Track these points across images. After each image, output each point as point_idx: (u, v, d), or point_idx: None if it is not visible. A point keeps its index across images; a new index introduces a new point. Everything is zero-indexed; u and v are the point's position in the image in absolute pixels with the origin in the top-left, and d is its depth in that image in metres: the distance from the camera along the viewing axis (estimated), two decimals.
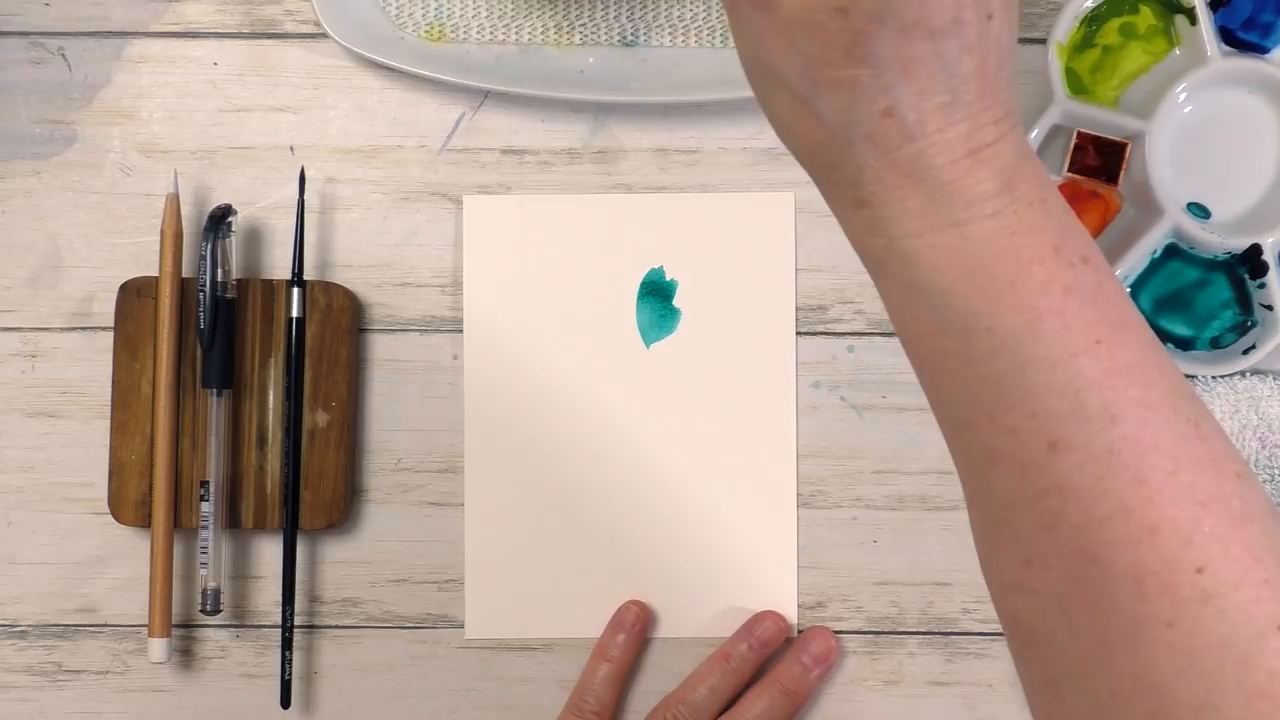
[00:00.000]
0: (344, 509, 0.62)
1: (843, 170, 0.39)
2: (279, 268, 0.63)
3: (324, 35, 0.62)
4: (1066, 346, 0.38)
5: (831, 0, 0.36)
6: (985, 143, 0.38)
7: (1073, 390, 0.38)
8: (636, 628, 0.62)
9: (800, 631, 0.63)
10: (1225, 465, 0.39)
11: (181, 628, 0.63)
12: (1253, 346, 0.60)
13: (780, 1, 0.37)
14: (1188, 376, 0.60)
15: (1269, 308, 0.60)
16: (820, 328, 0.63)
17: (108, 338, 0.63)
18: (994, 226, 0.38)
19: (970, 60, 0.37)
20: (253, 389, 0.62)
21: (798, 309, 0.63)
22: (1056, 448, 0.38)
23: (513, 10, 0.63)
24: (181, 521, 0.62)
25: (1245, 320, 0.61)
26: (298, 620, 0.62)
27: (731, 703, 0.61)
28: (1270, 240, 0.60)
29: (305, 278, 0.62)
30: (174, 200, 0.62)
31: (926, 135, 0.38)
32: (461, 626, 0.63)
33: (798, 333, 0.63)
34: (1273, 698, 0.37)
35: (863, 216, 0.39)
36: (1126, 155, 0.61)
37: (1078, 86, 0.61)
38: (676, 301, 0.63)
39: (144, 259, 0.63)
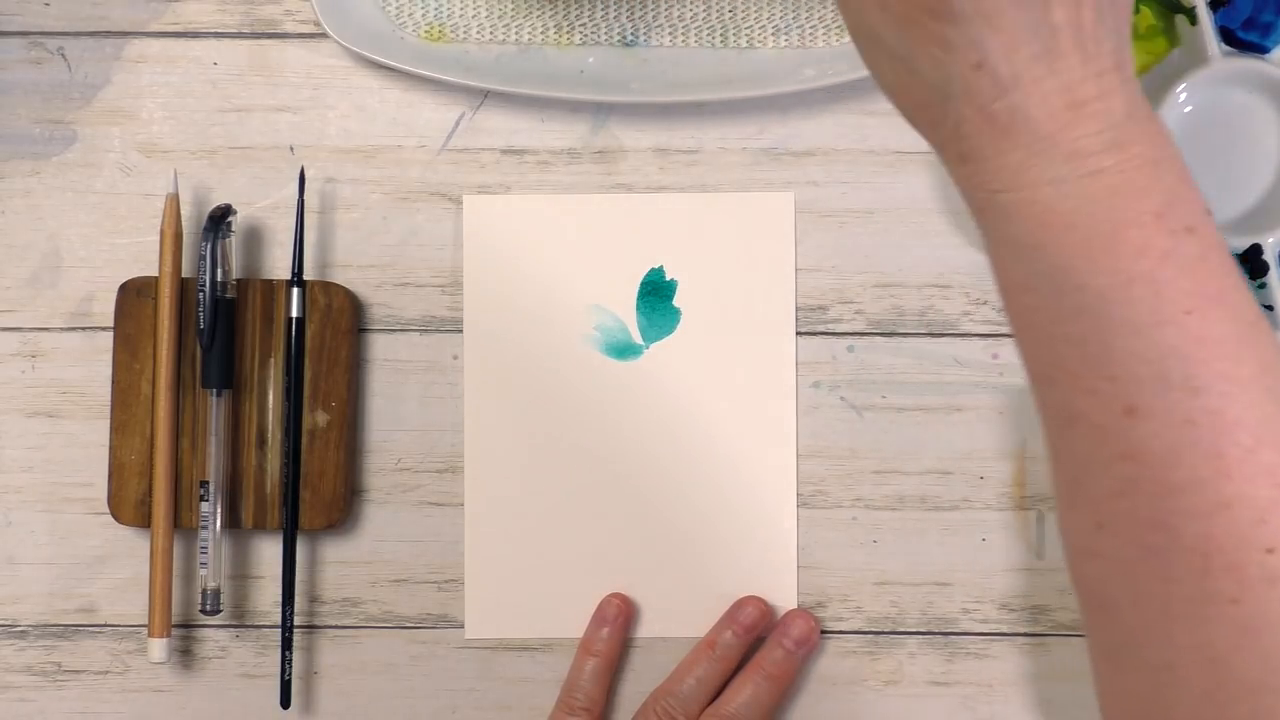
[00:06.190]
0: (344, 509, 0.62)
1: (945, 126, 0.39)
2: (279, 268, 0.64)
3: (324, 35, 0.63)
4: (1155, 314, 0.37)
5: None
6: (1087, 97, 0.37)
7: (1156, 357, 0.37)
8: (620, 620, 0.62)
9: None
10: None
11: (181, 628, 0.63)
12: None
13: None
14: None
15: (1269, 308, 0.60)
16: (820, 328, 0.63)
17: (108, 338, 0.63)
18: (1093, 185, 0.37)
19: (1062, 10, 0.37)
20: (253, 389, 0.62)
21: (798, 309, 0.63)
22: (1134, 413, 0.38)
23: (513, 10, 0.63)
24: (181, 521, 0.62)
25: None
26: (298, 620, 0.62)
27: (719, 690, 0.61)
28: (1270, 240, 0.60)
29: (305, 278, 0.62)
30: (174, 200, 0.62)
31: (1021, 88, 0.37)
32: (461, 626, 0.63)
33: (798, 333, 0.63)
34: None
35: (966, 171, 0.39)
36: None
37: None
38: (676, 301, 0.63)
39: (144, 259, 0.63)
